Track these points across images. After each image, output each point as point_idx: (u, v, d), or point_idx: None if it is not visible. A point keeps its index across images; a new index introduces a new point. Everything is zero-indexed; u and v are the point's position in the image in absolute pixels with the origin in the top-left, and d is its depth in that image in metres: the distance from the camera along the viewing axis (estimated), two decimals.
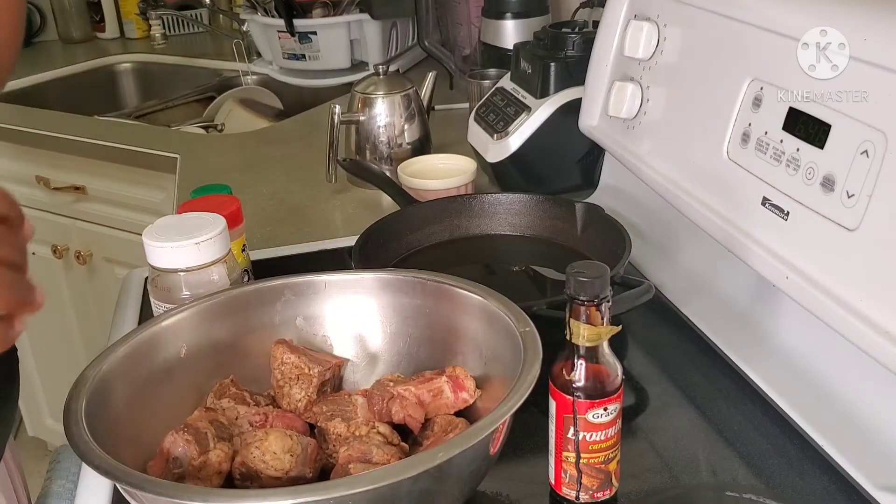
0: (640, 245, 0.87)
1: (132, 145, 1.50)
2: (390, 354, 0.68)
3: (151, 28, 2.25)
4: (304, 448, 0.57)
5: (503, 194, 0.98)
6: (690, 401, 0.72)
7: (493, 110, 1.11)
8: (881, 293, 0.58)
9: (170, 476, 0.55)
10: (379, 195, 1.10)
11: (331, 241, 1.03)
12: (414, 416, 0.61)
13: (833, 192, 0.62)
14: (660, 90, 0.88)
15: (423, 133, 1.23)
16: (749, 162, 0.72)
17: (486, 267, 0.96)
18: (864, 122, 0.60)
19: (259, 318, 0.67)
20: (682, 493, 0.62)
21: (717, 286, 0.82)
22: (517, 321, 0.60)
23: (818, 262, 0.64)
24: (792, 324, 0.71)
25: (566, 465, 0.57)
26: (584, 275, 0.53)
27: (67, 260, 1.74)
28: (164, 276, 0.68)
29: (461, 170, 1.08)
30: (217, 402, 0.62)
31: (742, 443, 0.66)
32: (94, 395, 0.55)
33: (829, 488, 0.60)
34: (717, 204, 0.76)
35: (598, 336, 0.54)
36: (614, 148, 0.95)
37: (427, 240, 0.95)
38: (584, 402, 0.55)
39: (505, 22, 1.41)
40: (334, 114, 1.14)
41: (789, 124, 0.67)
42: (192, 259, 0.67)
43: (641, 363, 0.78)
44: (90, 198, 1.65)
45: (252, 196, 1.19)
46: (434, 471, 0.48)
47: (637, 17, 0.90)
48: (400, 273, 0.69)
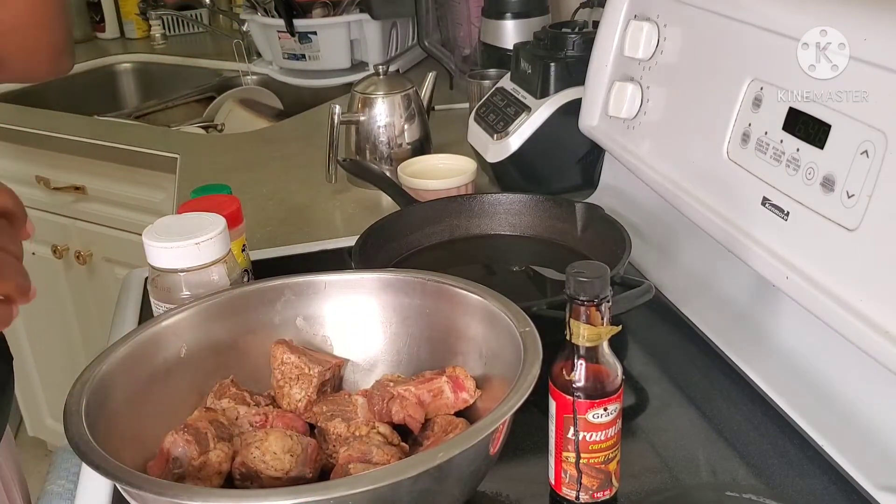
0: (640, 245, 0.87)
1: (132, 145, 1.50)
2: (390, 354, 0.68)
3: (151, 28, 2.25)
4: (305, 448, 0.57)
5: (503, 194, 0.98)
6: (690, 401, 0.72)
7: (493, 110, 1.11)
8: (881, 293, 0.58)
9: (170, 476, 0.55)
10: (379, 195, 1.10)
11: (331, 241, 1.03)
12: (414, 417, 0.61)
13: (833, 192, 0.62)
14: (660, 90, 0.88)
15: (423, 133, 1.23)
16: (749, 162, 0.72)
17: (486, 267, 0.96)
18: (864, 122, 0.60)
19: (259, 318, 0.67)
20: (682, 494, 0.62)
21: (717, 286, 0.82)
22: (517, 321, 0.60)
23: (818, 263, 0.64)
24: (792, 324, 0.71)
25: (566, 465, 0.57)
26: (584, 275, 0.53)
27: (67, 260, 1.74)
28: (164, 277, 0.68)
29: (461, 170, 1.08)
30: (217, 403, 0.62)
31: (742, 443, 0.66)
32: (94, 395, 0.55)
33: (829, 488, 0.60)
34: (717, 204, 0.76)
35: (598, 336, 0.54)
36: (614, 148, 0.95)
37: (427, 240, 0.95)
38: (584, 402, 0.55)
39: (505, 22, 1.41)
40: (334, 114, 1.14)
41: (789, 124, 0.67)
42: (193, 259, 0.67)
43: (641, 363, 0.78)
44: (90, 198, 1.65)
45: (252, 196, 1.19)
46: (434, 471, 0.48)
47: (637, 18, 0.90)
48: (400, 273, 0.68)
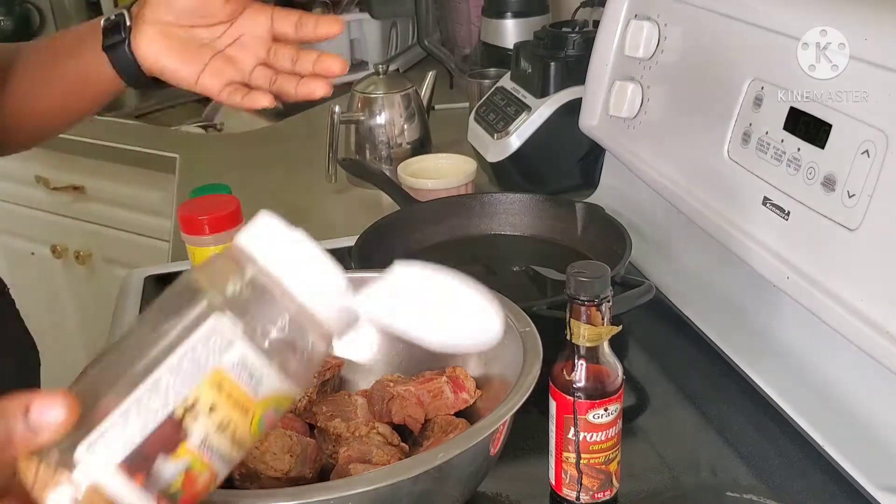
0: (640, 245, 0.87)
1: (132, 145, 1.50)
2: (390, 354, 0.68)
3: None
4: (304, 448, 0.57)
5: (503, 194, 0.98)
6: (690, 401, 0.72)
7: (493, 110, 1.11)
8: (881, 293, 0.58)
9: None
10: (379, 195, 1.10)
11: (331, 241, 1.03)
12: (414, 417, 0.61)
13: (834, 191, 0.62)
14: (660, 90, 0.88)
15: (423, 133, 1.23)
16: (750, 162, 0.72)
17: (486, 267, 0.95)
18: (865, 122, 0.60)
19: None
20: (682, 494, 0.62)
21: (717, 286, 0.82)
22: (517, 321, 0.59)
23: (819, 262, 0.63)
24: (792, 324, 0.71)
25: (566, 465, 0.57)
26: (585, 275, 0.53)
27: (67, 260, 1.74)
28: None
29: (461, 170, 1.08)
30: None
31: (742, 443, 0.66)
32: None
33: (830, 488, 0.60)
34: (718, 204, 0.76)
35: (599, 336, 0.54)
36: (615, 147, 0.95)
37: (427, 240, 0.95)
38: (584, 402, 0.55)
39: (505, 21, 1.41)
40: (334, 113, 1.14)
41: (790, 124, 0.67)
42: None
43: (642, 363, 0.78)
44: (90, 198, 1.65)
45: (252, 196, 1.19)
46: (434, 471, 0.47)
47: (637, 17, 0.90)
48: None
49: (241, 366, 0.34)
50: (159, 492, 0.33)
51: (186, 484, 0.34)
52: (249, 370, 0.34)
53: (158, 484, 0.33)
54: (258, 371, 0.34)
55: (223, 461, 0.35)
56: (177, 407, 0.33)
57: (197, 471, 0.34)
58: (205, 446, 0.34)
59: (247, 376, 0.34)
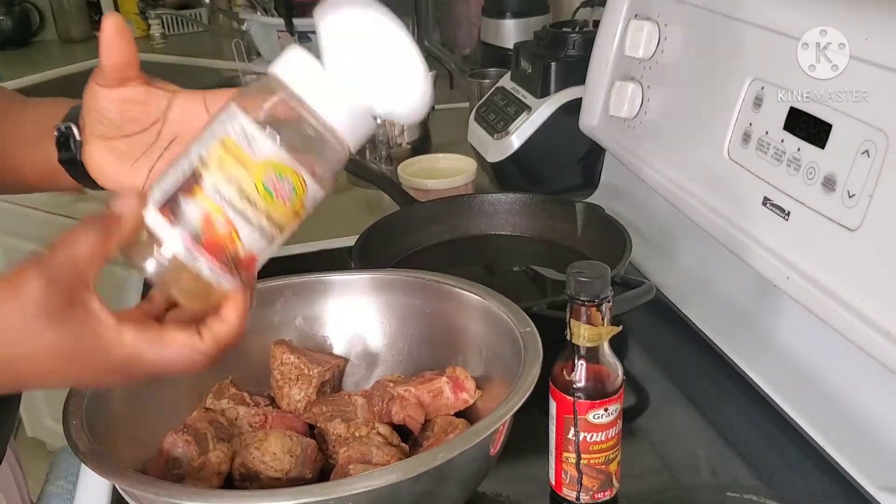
0: (640, 245, 0.87)
1: None
2: (390, 355, 0.68)
3: (151, 27, 2.25)
4: (304, 449, 0.57)
5: (503, 194, 0.98)
6: (690, 401, 0.72)
7: (493, 110, 1.11)
8: (881, 293, 0.58)
9: (169, 477, 0.55)
10: (379, 195, 1.10)
11: (331, 241, 1.03)
12: (414, 417, 0.61)
13: (834, 191, 0.62)
14: (660, 90, 0.88)
15: (423, 133, 1.22)
16: (750, 162, 0.72)
17: (486, 267, 0.96)
18: (865, 122, 0.60)
19: (259, 318, 0.66)
20: (682, 494, 0.62)
21: (717, 286, 0.82)
22: (517, 321, 0.60)
23: (819, 262, 0.63)
24: (792, 324, 0.71)
25: (567, 465, 0.57)
26: (585, 275, 0.53)
27: None
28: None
29: (461, 170, 1.08)
30: (216, 403, 0.62)
31: (742, 443, 0.66)
32: (94, 395, 0.55)
33: (830, 488, 0.60)
34: (718, 204, 0.76)
35: (599, 336, 0.54)
36: (615, 147, 0.95)
37: (427, 240, 0.95)
38: (584, 402, 0.55)
39: (505, 21, 1.41)
40: None
41: (790, 124, 0.67)
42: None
43: (642, 363, 0.78)
44: (90, 198, 1.64)
45: None
46: (434, 472, 0.47)
47: (637, 17, 0.90)
48: (400, 273, 0.68)
49: (241, 133, 0.44)
50: (189, 231, 0.44)
51: (206, 227, 0.44)
52: (248, 137, 0.44)
53: (187, 224, 0.44)
54: (255, 137, 0.44)
55: (237, 213, 0.44)
56: (197, 165, 0.44)
57: (214, 217, 0.44)
58: (217, 193, 0.44)
59: (246, 142, 0.44)
